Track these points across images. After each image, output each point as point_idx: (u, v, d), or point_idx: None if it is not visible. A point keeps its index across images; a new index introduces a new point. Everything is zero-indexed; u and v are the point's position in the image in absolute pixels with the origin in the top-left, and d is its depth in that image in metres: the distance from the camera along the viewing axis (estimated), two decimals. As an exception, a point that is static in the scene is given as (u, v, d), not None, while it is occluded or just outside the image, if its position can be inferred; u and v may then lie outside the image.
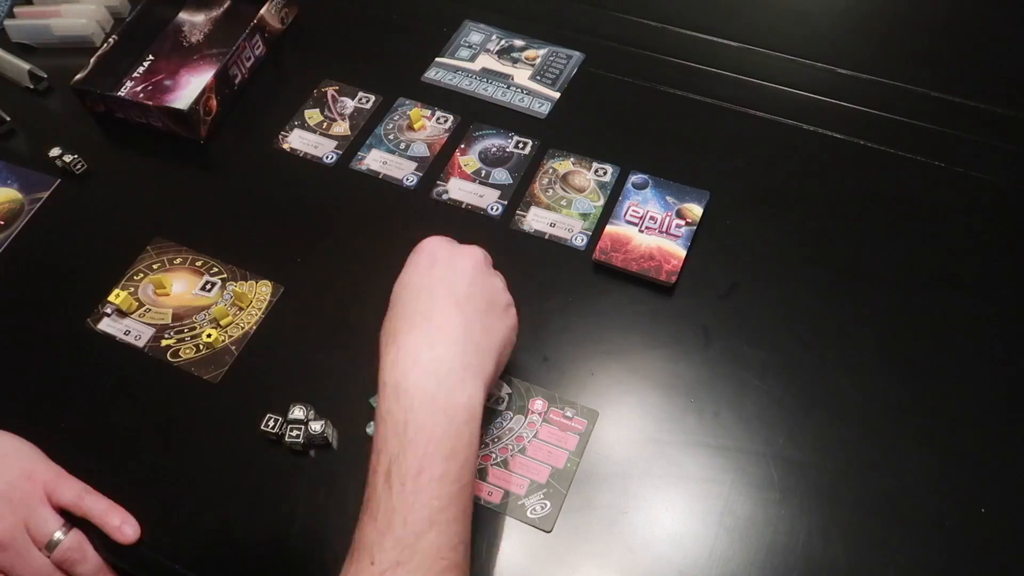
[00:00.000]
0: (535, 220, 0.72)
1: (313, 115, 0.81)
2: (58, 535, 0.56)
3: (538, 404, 0.62)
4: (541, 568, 0.56)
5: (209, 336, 0.67)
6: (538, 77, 0.82)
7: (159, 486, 0.60)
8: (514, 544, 0.57)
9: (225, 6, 0.90)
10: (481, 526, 0.57)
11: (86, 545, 0.57)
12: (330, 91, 0.82)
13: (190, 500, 0.60)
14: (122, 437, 0.63)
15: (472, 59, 0.84)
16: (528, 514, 0.57)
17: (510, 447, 0.60)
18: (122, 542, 0.57)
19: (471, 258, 0.55)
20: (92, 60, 0.80)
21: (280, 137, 0.80)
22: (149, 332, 0.68)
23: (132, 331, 0.68)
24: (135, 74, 0.85)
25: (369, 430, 0.61)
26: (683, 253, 0.67)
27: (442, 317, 0.51)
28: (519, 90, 0.81)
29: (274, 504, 0.59)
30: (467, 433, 0.49)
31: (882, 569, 0.54)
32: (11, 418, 0.61)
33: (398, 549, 0.45)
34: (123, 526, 0.57)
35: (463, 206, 0.74)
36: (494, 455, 0.60)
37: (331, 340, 0.67)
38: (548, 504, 0.58)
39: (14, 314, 0.71)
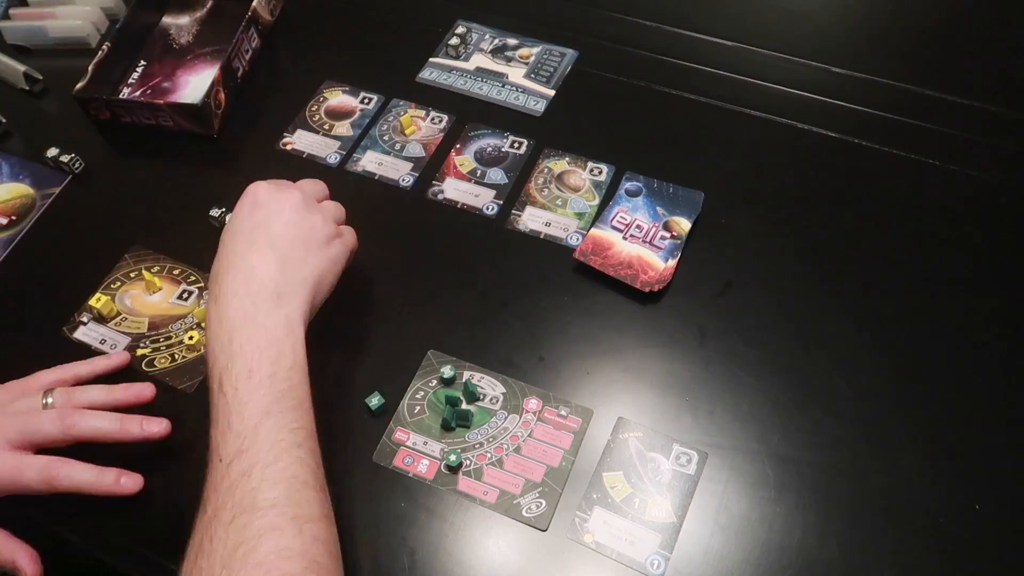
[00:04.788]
0: (530, 219, 0.72)
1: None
2: (47, 400, 0.59)
3: (532, 403, 0.62)
4: (537, 567, 0.56)
5: (192, 339, 0.67)
6: (532, 75, 0.82)
7: (132, 498, 0.59)
8: (510, 543, 0.57)
9: (208, 6, 0.91)
10: (477, 526, 0.58)
11: (72, 391, 0.60)
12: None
13: (161, 511, 0.59)
14: (93, 447, 0.62)
15: (466, 58, 0.84)
16: (524, 513, 0.58)
17: (505, 446, 0.60)
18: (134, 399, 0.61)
19: (289, 200, 0.60)
20: (90, 67, 0.80)
21: (283, 138, 0.80)
22: (124, 341, 0.68)
23: (108, 340, 0.68)
24: (130, 80, 0.85)
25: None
26: (662, 265, 0.67)
27: (258, 256, 0.57)
28: (514, 88, 0.81)
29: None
30: (289, 342, 0.54)
31: (877, 566, 0.54)
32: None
33: (239, 440, 0.50)
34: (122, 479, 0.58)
35: (459, 206, 0.74)
36: (489, 455, 0.60)
37: (321, 342, 0.67)
38: (543, 503, 0.58)
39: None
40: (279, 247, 0.58)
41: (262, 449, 0.49)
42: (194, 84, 0.84)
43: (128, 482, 0.58)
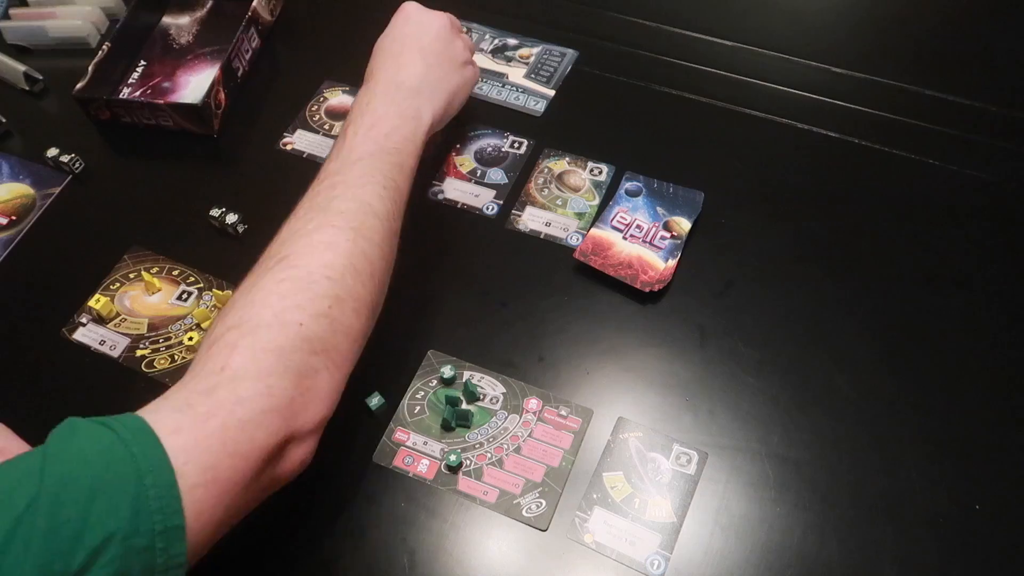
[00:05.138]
0: (531, 220, 0.72)
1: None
2: None
3: (533, 403, 0.62)
4: (537, 567, 0.56)
5: (191, 339, 0.67)
6: (532, 75, 0.82)
7: None
8: (510, 543, 0.57)
9: (208, 6, 0.91)
10: (477, 526, 0.58)
11: None
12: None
13: None
14: None
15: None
16: (524, 513, 0.58)
17: (505, 446, 0.60)
18: None
19: (438, 21, 0.69)
20: (90, 67, 0.80)
21: (283, 138, 0.80)
22: (124, 342, 0.68)
23: (107, 341, 0.68)
24: (130, 80, 0.85)
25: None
26: (662, 265, 0.67)
27: (408, 57, 0.67)
28: (514, 88, 0.81)
29: (259, 510, 0.59)
30: (412, 124, 0.64)
31: (877, 566, 0.54)
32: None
33: (339, 165, 0.59)
34: None
35: (459, 206, 0.74)
36: (489, 454, 0.60)
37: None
38: (543, 503, 0.58)
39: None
40: (427, 55, 0.67)
41: (353, 175, 0.58)
42: (194, 84, 0.84)
43: None
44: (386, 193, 0.58)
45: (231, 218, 0.72)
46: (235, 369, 0.47)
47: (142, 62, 0.87)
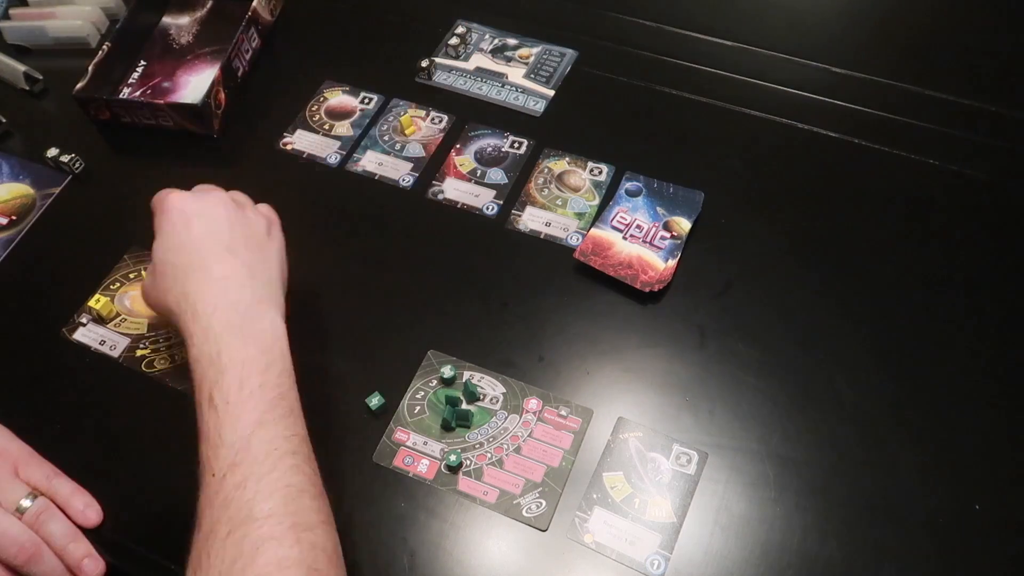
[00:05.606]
0: (531, 220, 0.72)
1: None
2: (26, 502, 0.57)
3: (532, 403, 0.62)
4: (537, 567, 0.56)
5: None
6: (532, 75, 0.82)
7: (130, 497, 0.60)
8: (510, 543, 0.57)
9: (208, 6, 0.91)
10: (477, 526, 0.58)
11: (54, 509, 0.58)
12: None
13: (161, 511, 0.60)
14: (94, 448, 0.63)
15: (466, 59, 0.84)
16: (524, 513, 0.58)
17: (505, 446, 0.60)
18: (85, 525, 0.58)
19: (220, 205, 0.59)
20: (90, 67, 0.80)
21: (283, 138, 0.80)
22: (124, 342, 0.68)
23: (107, 341, 0.68)
24: (130, 80, 0.85)
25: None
26: (662, 265, 0.67)
27: (221, 267, 0.56)
28: (514, 88, 0.81)
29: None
30: (277, 349, 0.54)
31: (877, 566, 0.54)
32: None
33: (232, 452, 0.49)
34: (87, 510, 0.58)
35: (459, 206, 0.74)
36: (489, 455, 0.60)
37: (321, 343, 0.67)
38: (544, 503, 0.58)
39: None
40: (238, 252, 0.57)
41: (256, 459, 0.49)
42: (194, 84, 0.84)
43: (92, 514, 0.58)
44: (298, 457, 0.50)
45: None
46: None
47: (142, 62, 0.87)
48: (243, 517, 0.47)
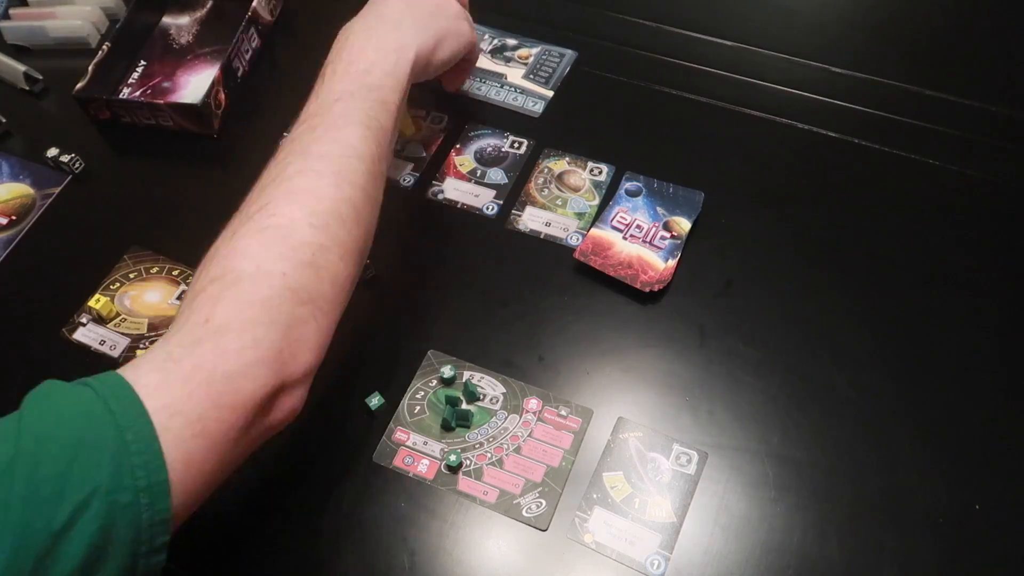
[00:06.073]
0: (531, 220, 0.72)
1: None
2: None
3: (532, 403, 0.62)
4: (537, 567, 0.56)
5: None
6: (531, 76, 0.82)
7: None
8: (510, 543, 0.57)
9: (208, 6, 0.91)
10: (477, 526, 0.58)
11: None
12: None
13: None
14: None
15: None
16: (524, 513, 0.58)
17: (505, 446, 0.60)
18: None
19: None
20: (90, 67, 0.80)
21: (283, 138, 0.80)
22: (124, 342, 0.68)
23: (107, 341, 0.68)
24: (130, 80, 0.85)
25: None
26: (662, 265, 0.67)
27: (389, 6, 0.64)
28: (513, 89, 0.81)
29: (258, 510, 0.59)
30: (393, 58, 0.61)
31: (877, 566, 0.54)
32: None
33: (317, 106, 0.57)
34: None
35: (459, 206, 0.74)
36: (489, 455, 0.60)
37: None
38: (543, 503, 0.58)
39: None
40: (411, 2, 0.65)
41: (333, 115, 0.56)
42: (194, 84, 0.84)
43: None
44: (369, 133, 0.56)
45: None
46: (219, 321, 0.46)
47: (142, 62, 0.87)
48: (300, 151, 0.54)
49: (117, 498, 0.39)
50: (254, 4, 0.84)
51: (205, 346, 0.45)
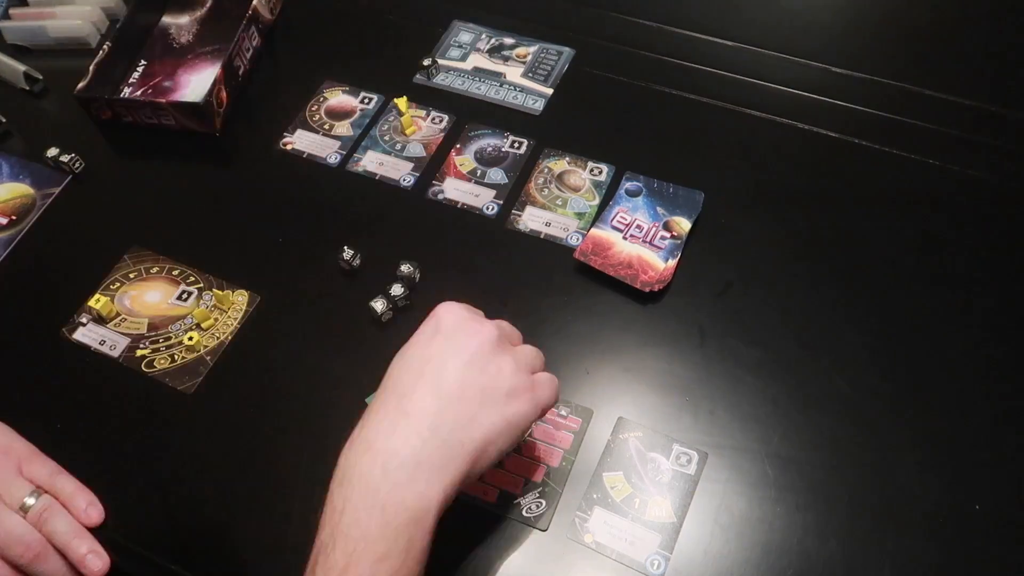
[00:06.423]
0: (531, 219, 0.72)
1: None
2: (30, 500, 0.57)
3: (533, 403, 0.62)
4: (537, 567, 0.56)
5: (191, 339, 0.67)
6: (530, 74, 0.82)
7: (131, 498, 0.60)
8: (510, 543, 0.57)
9: (208, 5, 0.91)
10: (477, 525, 0.58)
11: (57, 506, 0.58)
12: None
13: (161, 511, 0.60)
14: (94, 447, 0.63)
15: (463, 59, 0.84)
16: (524, 513, 0.58)
17: (506, 446, 0.60)
18: (87, 524, 0.58)
19: (478, 336, 0.50)
20: (91, 67, 0.80)
21: (283, 137, 0.80)
22: (124, 342, 0.68)
23: (107, 341, 0.68)
24: (131, 80, 0.85)
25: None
26: (662, 265, 0.67)
27: (415, 403, 0.47)
28: (512, 87, 0.81)
29: (260, 512, 0.59)
30: (405, 537, 0.44)
31: (877, 566, 0.54)
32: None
33: (324, 560, 0.44)
34: (89, 508, 0.58)
35: (459, 206, 0.74)
36: (490, 454, 0.60)
37: (322, 344, 0.67)
38: (544, 503, 0.58)
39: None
40: (445, 395, 0.47)
41: None
42: (195, 83, 0.84)
43: (94, 513, 0.58)
44: None
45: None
46: None
47: (142, 62, 0.87)
48: None
49: None
50: (254, 2, 0.84)
51: None
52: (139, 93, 0.84)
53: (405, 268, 0.68)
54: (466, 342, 0.49)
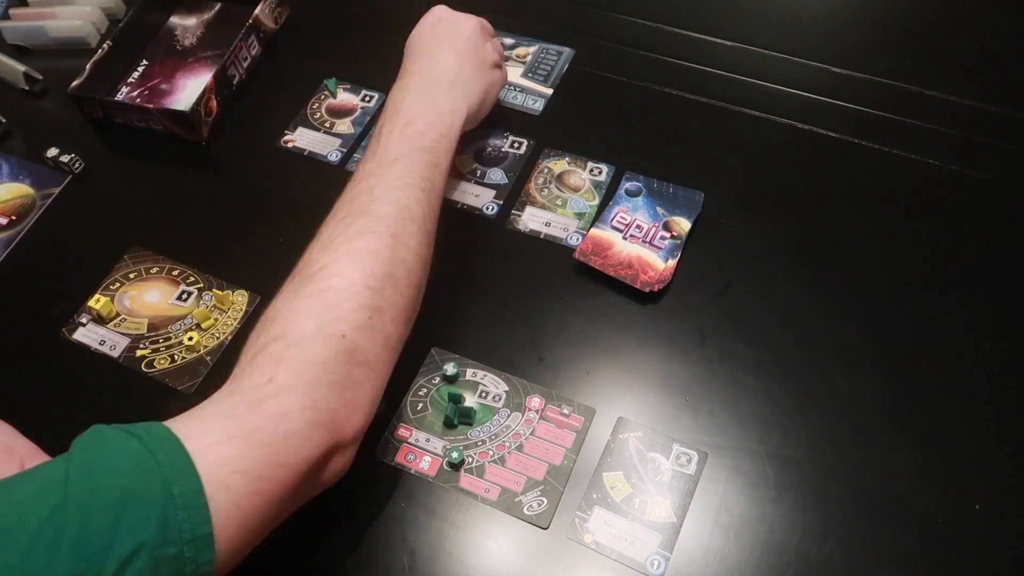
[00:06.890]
0: (531, 220, 0.72)
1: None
2: None
3: (535, 401, 0.62)
4: (537, 567, 0.56)
5: (191, 339, 0.67)
6: (530, 74, 0.82)
7: None
8: (511, 541, 0.57)
9: (216, 9, 0.90)
10: (478, 524, 0.58)
11: None
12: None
13: None
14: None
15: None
16: (525, 511, 0.58)
17: (507, 444, 0.60)
18: None
19: (470, 23, 0.70)
20: (88, 66, 0.80)
21: (284, 135, 0.80)
22: (124, 342, 0.68)
23: (107, 341, 0.68)
24: (130, 79, 0.85)
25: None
26: (662, 265, 0.67)
27: (442, 55, 0.67)
28: (512, 87, 0.81)
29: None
30: (448, 120, 0.64)
31: (876, 566, 0.54)
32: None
33: (375, 167, 0.59)
34: None
35: (459, 206, 0.74)
36: (491, 452, 0.60)
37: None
38: (545, 501, 0.58)
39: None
40: (460, 52, 0.68)
41: (389, 178, 0.58)
42: (191, 88, 0.84)
43: None
44: (423, 195, 0.58)
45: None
46: (281, 382, 0.47)
47: (144, 62, 0.86)
48: (360, 211, 0.56)
49: (163, 551, 0.39)
50: (256, 11, 0.83)
51: (268, 406, 0.46)
52: (136, 93, 0.84)
53: None
54: (463, 25, 0.70)
